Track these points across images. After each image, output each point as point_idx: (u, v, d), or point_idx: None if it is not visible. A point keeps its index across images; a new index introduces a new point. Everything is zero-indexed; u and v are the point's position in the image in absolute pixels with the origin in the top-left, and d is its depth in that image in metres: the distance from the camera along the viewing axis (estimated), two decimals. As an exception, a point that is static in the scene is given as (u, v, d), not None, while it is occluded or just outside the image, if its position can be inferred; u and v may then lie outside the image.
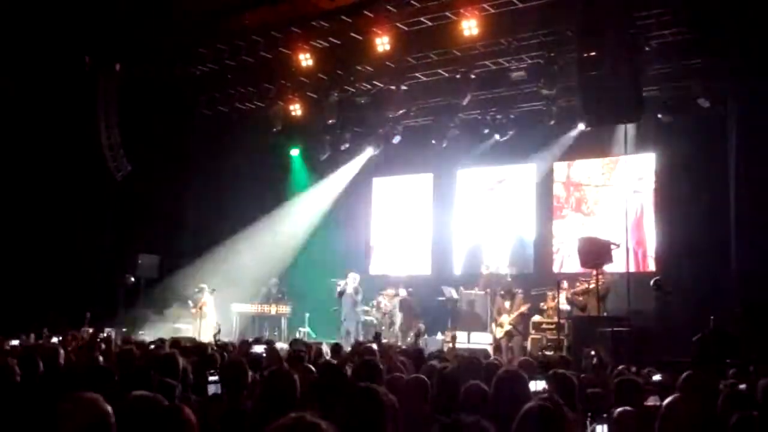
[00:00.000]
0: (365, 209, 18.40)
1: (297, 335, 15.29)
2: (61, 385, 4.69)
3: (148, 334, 12.50)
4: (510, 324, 12.51)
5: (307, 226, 17.22)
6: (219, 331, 10.50)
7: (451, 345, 11.53)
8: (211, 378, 4.57)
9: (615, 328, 10.21)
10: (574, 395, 4.23)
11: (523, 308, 12.64)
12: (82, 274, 14.40)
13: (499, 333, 12.67)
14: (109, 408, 2.46)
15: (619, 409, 3.99)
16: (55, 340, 9.82)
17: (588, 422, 3.52)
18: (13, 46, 13.07)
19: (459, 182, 17.22)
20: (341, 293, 14.67)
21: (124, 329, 13.16)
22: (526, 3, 11.64)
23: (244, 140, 16.64)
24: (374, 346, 7.80)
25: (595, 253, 11.37)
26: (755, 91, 11.64)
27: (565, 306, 12.76)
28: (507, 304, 12.71)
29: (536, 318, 13.16)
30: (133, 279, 14.78)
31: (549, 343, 12.45)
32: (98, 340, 9.64)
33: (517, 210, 16.35)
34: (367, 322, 15.50)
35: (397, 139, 16.32)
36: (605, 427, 3.44)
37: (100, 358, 5.65)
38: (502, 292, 12.93)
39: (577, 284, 12.87)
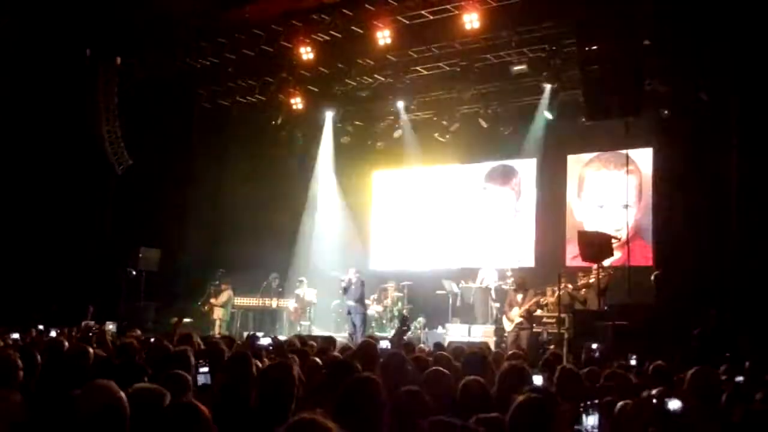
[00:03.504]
0: (366, 203, 18.41)
1: (298, 329, 15.36)
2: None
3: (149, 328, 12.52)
4: (521, 317, 12.50)
5: (308, 220, 17.23)
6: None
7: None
8: (201, 369, 4.53)
9: (615, 322, 10.23)
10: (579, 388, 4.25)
11: (534, 300, 12.64)
12: (83, 267, 14.41)
13: (509, 326, 12.63)
14: (123, 395, 2.48)
15: (621, 403, 4.00)
16: (53, 333, 9.79)
17: (581, 412, 3.54)
18: (14, 39, 13.06)
19: (460, 176, 17.22)
20: (346, 288, 14.69)
21: (124, 323, 13.18)
22: (527, -4, 11.64)
23: (245, 133, 16.64)
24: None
25: (596, 246, 11.36)
26: (756, 84, 11.62)
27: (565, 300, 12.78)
28: (519, 297, 12.69)
29: (537, 312, 13.18)
30: (134, 272, 14.79)
31: (549, 337, 12.48)
32: (90, 334, 9.59)
33: (517, 204, 16.38)
34: (370, 316, 15.56)
35: (398, 133, 16.32)
36: (596, 416, 3.47)
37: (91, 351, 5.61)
38: (515, 286, 12.92)
39: (579, 277, 12.89)
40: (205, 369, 4.47)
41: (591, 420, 3.44)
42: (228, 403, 3.90)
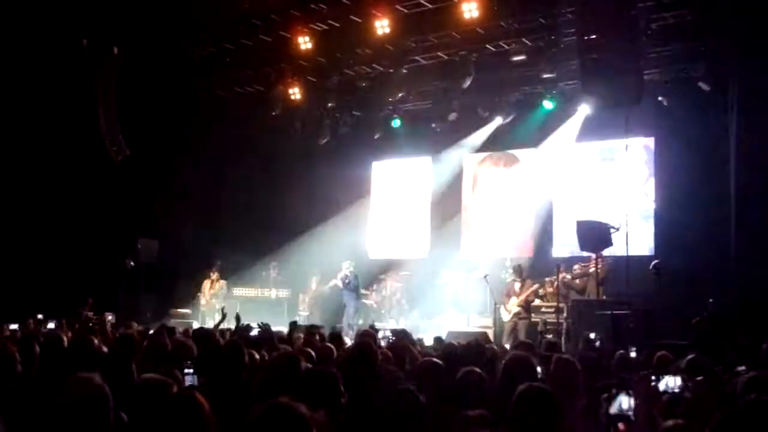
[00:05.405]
0: (365, 193, 18.37)
1: (296, 319, 15.38)
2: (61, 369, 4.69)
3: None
4: (519, 306, 12.51)
5: (308, 210, 17.20)
6: (223, 318, 10.21)
7: None
8: (186, 370, 4.51)
9: (614, 311, 10.23)
10: (576, 378, 4.24)
11: (533, 289, 12.65)
12: (82, 259, 14.39)
13: (507, 316, 12.64)
14: (106, 385, 2.46)
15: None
16: (51, 325, 9.79)
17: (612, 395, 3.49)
18: (10, 30, 12.99)
19: (459, 166, 17.17)
20: (342, 280, 14.70)
21: (124, 314, 13.18)
22: (526, -15, 11.59)
23: (243, 124, 16.59)
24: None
25: (595, 236, 11.35)
26: (756, 74, 11.59)
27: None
28: (517, 286, 12.70)
29: (536, 302, 13.19)
30: (133, 264, 14.78)
31: (548, 327, 12.49)
32: (89, 324, 9.58)
33: (518, 194, 16.35)
34: (366, 305, 15.58)
35: (396, 123, 16.29)
36: (628, 399, 3.41)
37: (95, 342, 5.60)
38: (514, 275, 12.92)
39: (576, 268, 12.90)
40: (190, 370, 4.43)
41: (623, 402, 3.38)
42: (218, 393, 3.88)
